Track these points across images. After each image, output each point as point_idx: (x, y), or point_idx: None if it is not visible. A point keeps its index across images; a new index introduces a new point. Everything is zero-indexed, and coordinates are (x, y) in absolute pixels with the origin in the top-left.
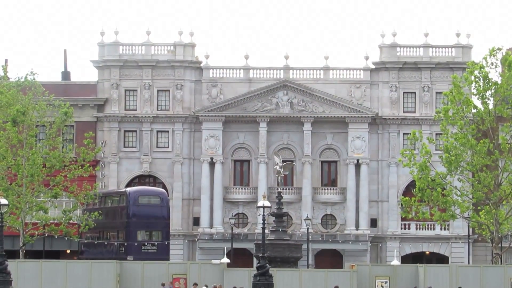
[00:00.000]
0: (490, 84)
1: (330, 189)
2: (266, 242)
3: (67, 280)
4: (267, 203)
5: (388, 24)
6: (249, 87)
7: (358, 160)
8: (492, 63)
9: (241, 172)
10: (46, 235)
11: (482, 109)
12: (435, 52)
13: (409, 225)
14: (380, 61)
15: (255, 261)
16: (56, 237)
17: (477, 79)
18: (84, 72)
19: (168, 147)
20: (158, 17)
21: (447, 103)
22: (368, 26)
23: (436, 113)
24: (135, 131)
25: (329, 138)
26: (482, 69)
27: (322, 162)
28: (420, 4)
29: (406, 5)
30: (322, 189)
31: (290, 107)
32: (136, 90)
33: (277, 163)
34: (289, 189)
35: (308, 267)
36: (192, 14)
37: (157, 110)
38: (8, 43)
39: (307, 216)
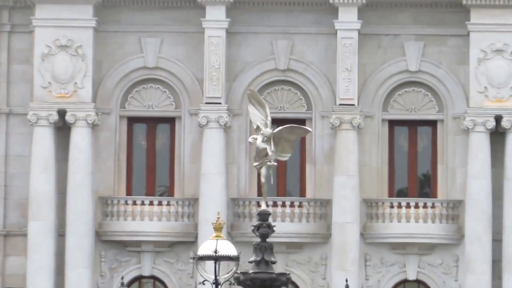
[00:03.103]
0: None
1: (417, 207)
2: None
3: None
4: (228, 247)
5: None
6: None
7: (498, 120)
8: None
9: (150, 155)
10: None
11: None
12: None
13: None
14: None
15: None
16: None
17: None
18: None
19: None
20: None
21: None
22: None
23: None
24: None
25: (413, 55)
26: None
27: (391, 123)
28: None
29: None
30: (391, 206)
31: None
32: None
33: (258, 126)
34: (291, 205)
35: None
36: None
37: None
38: None
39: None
